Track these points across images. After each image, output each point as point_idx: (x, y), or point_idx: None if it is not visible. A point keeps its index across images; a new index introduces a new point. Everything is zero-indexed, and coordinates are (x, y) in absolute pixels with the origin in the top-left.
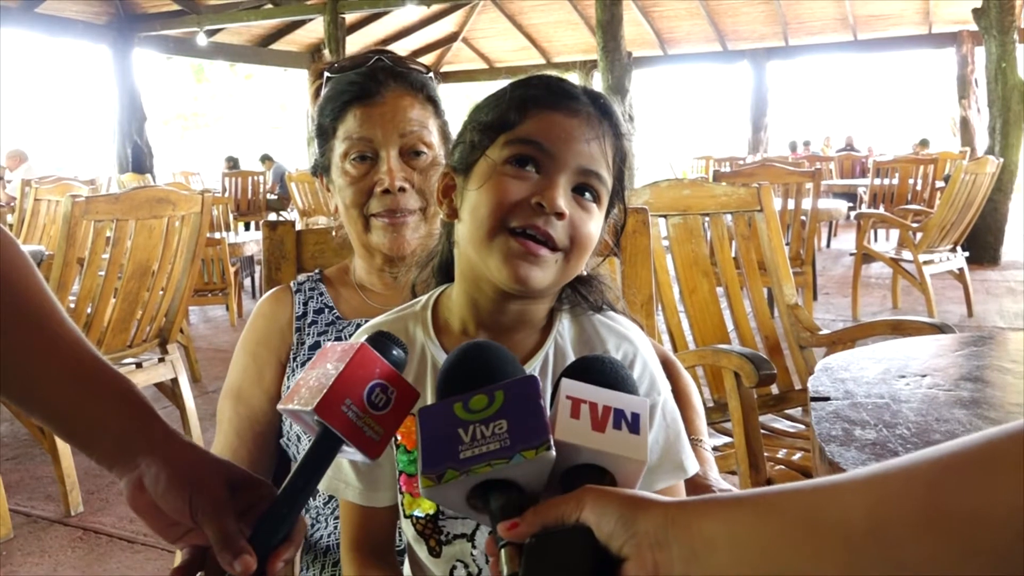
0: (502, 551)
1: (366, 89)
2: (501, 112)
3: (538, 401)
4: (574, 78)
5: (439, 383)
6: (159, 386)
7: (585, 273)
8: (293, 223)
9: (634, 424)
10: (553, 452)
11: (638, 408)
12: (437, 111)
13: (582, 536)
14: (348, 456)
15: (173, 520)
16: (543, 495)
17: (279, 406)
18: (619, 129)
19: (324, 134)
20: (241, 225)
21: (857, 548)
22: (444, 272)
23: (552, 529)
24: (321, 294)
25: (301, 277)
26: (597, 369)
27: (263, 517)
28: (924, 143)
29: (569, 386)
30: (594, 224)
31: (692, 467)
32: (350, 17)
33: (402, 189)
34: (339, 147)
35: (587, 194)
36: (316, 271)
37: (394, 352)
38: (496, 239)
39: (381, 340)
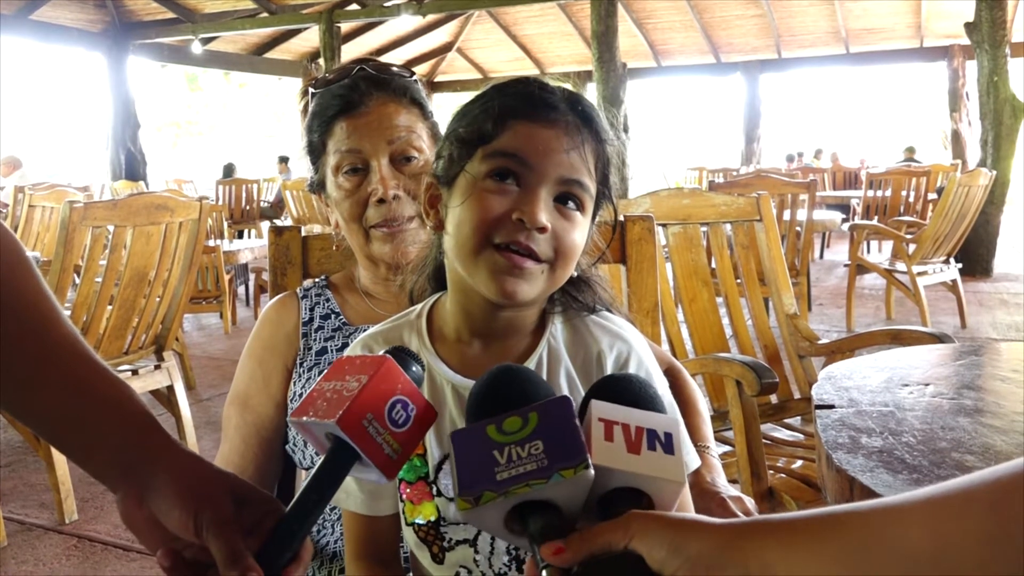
0: (543, 572)
1: (350, 101)
2: (478, 124)
3: (573, 421)
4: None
5: (470, 407)
6: (155, 393)
7: (576, 274)
8: (299, 229)
9: (668, 444)
10: (592, 471)
11: (670, 427)
12: (424, 113)
13: (633, 564)
14: (362, 475)
15: (171, 536)
16: (581, 519)
17: (289, 418)
18: (600, 135)
19: (315, 150)
20: (235, 234)
21: (918, 570)
22: (438, 280)
23: (600, 557)
24: (328, 300)
25: (307, 283)
26: (625, 388)
27: (272, 534)
28: (911, 150)
29: (600, 408)
30: (578, 233)
31: (693, 462)
32: (345, 26)
33: (396, 197)
34: (330, 161)
35: (570, 203)
36: (322, 277)
37: (413, 368)
38: (482, 255)
39: (401, 355)
